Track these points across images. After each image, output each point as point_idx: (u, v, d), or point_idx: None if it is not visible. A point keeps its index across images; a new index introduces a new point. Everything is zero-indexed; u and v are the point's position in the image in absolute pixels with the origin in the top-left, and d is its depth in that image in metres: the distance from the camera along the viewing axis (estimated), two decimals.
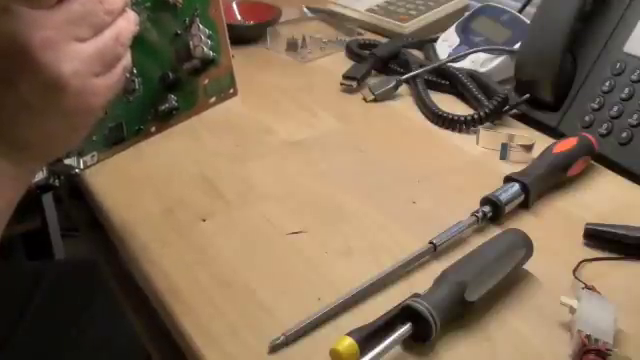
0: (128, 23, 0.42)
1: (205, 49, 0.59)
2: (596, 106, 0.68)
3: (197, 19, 0.58)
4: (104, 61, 0.40)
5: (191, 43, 0.58)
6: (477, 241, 0.52)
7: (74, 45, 0.37)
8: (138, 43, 0.47)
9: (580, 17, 0.70)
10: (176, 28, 0.57)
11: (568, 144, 0.62)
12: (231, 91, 0.64)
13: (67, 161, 0.55)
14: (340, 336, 0.41)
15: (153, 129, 0.60)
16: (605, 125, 0.66)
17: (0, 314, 0.79)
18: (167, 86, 0.59)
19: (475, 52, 0.82)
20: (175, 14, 0.57)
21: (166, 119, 0.60)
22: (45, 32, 0.36)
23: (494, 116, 0.72)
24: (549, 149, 0.62)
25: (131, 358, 0.77)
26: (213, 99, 0.63)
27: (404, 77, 0.80)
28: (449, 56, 0.84)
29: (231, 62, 0.62)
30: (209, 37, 0.59)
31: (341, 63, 0.86)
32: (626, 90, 0.66)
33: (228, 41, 0.61)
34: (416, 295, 0.45)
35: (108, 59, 0.40)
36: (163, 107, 0.59)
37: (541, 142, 0.66)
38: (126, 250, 0.53)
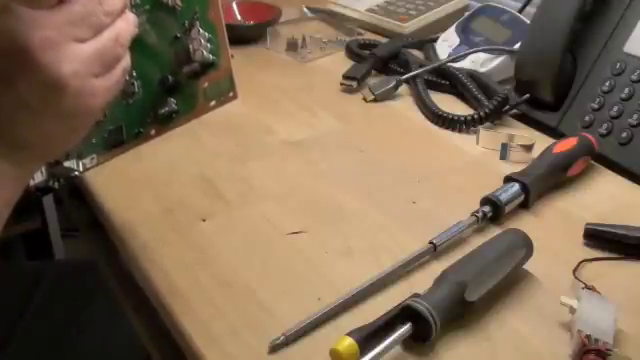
0: (127, 24, 0.42)
1: (205, 52, 0.59)
2: (596, 106, 0.68)
3: (197, 22, 0.57)
4: (103, 62, 0.39)
5: (191, 46, 0.58)
6: (477, 241, 0.52)
7: (74, 46, 0.37)
8: (137, 46, 0.47)
9: (580, 17, 0.70)
10: (175, 31, 0.57)
11: (568, 144, 0.62)
12: (231, 94, 0.63)
13: (66, 163, 0.55)
14: (340, 336, 0.41)
15: (153, 132, 0.60)
16: (605, 125, 0.66)
17: (0, 314, 0.79)
18: (167, 89, 0.59)
19: (475, 52, 0.82)
20: (174, 17, 0.56)
21: (166, 122, 0.60)
22: (45, 32, 0.36)
23: (494, 116, 0.72)
24: (549, 149, 0.62)
25: (131, 358, 0.77)
26: (213, 102, 0.63)
27: (404, 77, 0.80)
28: (449, 56, 0.84)
29: (231, 65, 0.62)
30: (209, 40, 0.59)
31: (341, 63, 0.86)
32: (626, 90, 0.66)
33: (228, 44, 0.61)
34: (416, 295, 0.45)
35: (107, 60, 0.40)
36: (163, 110, 0.59)
37: (541, 142, 0.66)
38: (126, 250, 0.53)
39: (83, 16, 0.37)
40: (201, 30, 0.57)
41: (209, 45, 0.59)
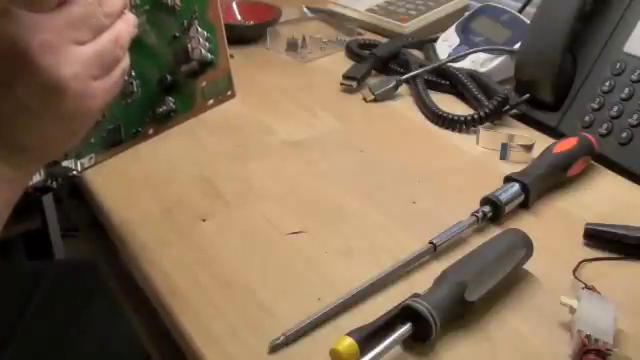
0: (127, 25, 0.42)
1: (203, 51, 0.59)
2: (596, 106, 0.68)
3: (195, 21, 0.58)
4: (103, 64, 0.39)
5: (189, 45, 0.58)
6: (477, 241, 0.52)
7: (74, 48, 0.37)
8: (136, 46, 0.47)
9: (580, 17, 0.70)
10: (174, 31, 0.57)
11: (568, 144, 0.62)
12: (229, 93, 0.64)
13: (65, 163, 0.55)
14: (340, 336, 0.41)
15: (151, 131, 0.60)
16: (605, 125, 0.66)
17: (0, 314, 0.79)
18: (165, 88, 0.59)
19: (475, 52, 0.82)
20: (174, 17, 0.56)
21: (164, 121, 0.60)
22: (45, 35, 0.36)
23: (494, 116, 0.72)
24: (549, 149, 0.62)
25: (131, 358, 0.77)
26: (211, 101, 0.63)
27: (404, 77, 0.80)
28: (449, 56, 0.84)
29: (229, 64, 0.62)
30: (207, 39, 0.59)
31: (341, 63, 0.86)
32: (626, 90, 0.66)
33: (226, 43, 0.61)
34: (416, 295, 0.45)
35: (107, 62, 0.40)
36: (161, 109, 0.59)
37: (541, 142, 0.66)
38: (126, 250, 0.53)
39: (83, 18, 0.37)
40: (199, 29, 0.58)
41: (207, 44, 0.59)
